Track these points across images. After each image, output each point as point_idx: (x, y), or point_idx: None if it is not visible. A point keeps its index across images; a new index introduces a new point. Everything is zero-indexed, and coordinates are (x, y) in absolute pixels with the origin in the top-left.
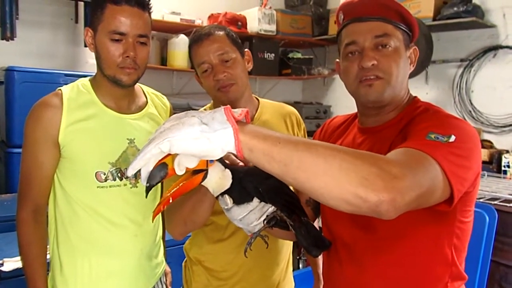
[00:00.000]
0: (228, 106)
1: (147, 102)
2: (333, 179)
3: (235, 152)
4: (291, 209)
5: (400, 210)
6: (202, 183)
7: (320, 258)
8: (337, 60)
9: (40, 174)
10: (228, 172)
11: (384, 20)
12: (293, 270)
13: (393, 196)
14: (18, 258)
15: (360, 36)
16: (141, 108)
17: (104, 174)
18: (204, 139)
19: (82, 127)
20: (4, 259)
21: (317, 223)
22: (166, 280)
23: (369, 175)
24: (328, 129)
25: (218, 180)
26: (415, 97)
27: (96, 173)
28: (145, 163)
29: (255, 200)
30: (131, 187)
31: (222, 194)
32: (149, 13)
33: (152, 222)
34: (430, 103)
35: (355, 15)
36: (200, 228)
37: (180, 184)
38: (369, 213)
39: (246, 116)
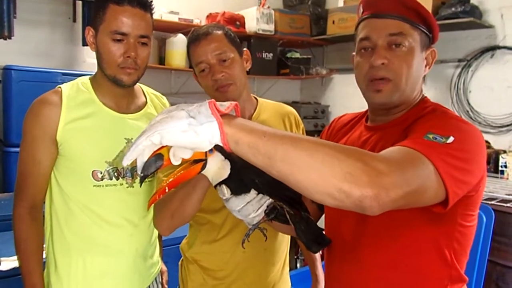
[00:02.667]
0: (213, 100)
1: (146, 102)
2: (316, 173)
3: (221, 145)
4: (290, 203)
5: (385, 207)
6: (202, 173)
7: (318, 259)
8: (353, 53)
9: (37, 171)
10: (227, 162)
11: (402, 18)
12: (291, 270)
13: (377, 192)
14: (15, 257)
15: (375, 33)
16: (140, 108)
17: (101, 173)
18: (192, 132)
19: (80, 126)
20: (1, 258)
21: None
22: (162, 279)
23: (354, 170)
24: (335, 127)
25: (217, 169)
26: (425, 97)
27: (92, 171)
28: (137, 154)
29: (253, 192)
30: (127, 187)
31: (220, 184)
32: (151, 14)
33: (148, 210)
34: (439, 104)
35: (373, 10)
36: (186, 223)
37: (178, 174)
38: (353, 208)
39: (235, 110)
